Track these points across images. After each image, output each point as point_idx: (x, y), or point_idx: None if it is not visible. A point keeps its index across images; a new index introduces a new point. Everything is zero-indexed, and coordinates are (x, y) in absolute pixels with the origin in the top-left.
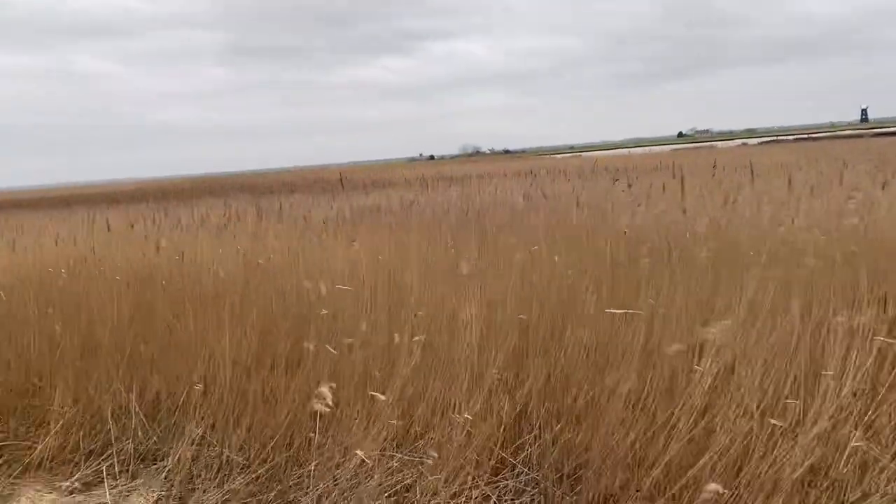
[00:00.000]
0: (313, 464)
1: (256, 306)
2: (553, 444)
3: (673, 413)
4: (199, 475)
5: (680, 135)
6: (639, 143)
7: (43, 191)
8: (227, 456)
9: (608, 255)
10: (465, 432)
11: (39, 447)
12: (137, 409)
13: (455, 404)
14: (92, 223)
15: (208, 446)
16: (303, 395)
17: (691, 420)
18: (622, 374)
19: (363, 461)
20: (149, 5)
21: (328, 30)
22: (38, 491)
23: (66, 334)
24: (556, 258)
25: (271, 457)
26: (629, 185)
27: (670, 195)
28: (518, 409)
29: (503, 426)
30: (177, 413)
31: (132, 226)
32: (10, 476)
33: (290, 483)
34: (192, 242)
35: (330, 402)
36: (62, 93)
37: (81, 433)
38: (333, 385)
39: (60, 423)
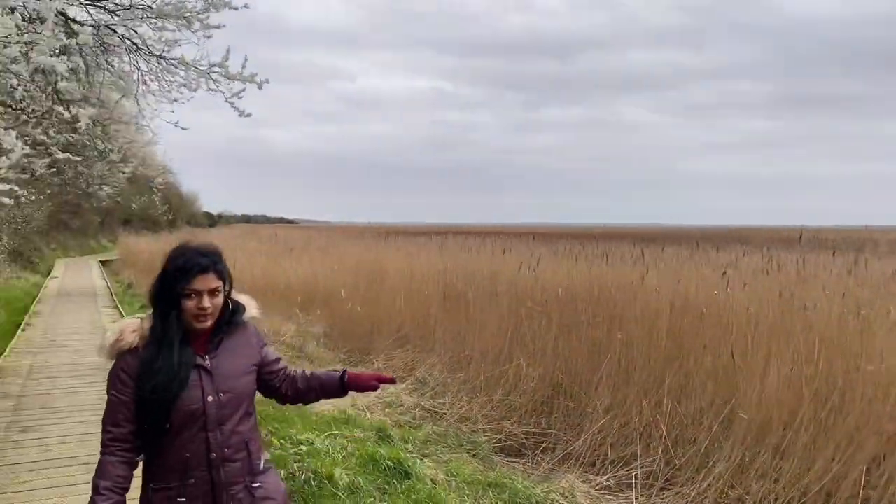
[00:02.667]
0: None
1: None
2: None
3: None
4: None
5: None
6: None
7: (587, 228)
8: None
9: None
10: None
11: (578, 443)
12: (664, 432)
13: None
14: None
15: (730, 487)
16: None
17: None
18: None
19: None
20: (694, 59)
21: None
22: (576, 480)
23: (601, 346)
24: None
25: None
26: None
27: None
28: None
29: None
30: (704, 444)
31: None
32: (551, 460)
33: None
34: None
35: None
36: (607, 140)
37: (610, 441)
38: None
39: (595, 427)
